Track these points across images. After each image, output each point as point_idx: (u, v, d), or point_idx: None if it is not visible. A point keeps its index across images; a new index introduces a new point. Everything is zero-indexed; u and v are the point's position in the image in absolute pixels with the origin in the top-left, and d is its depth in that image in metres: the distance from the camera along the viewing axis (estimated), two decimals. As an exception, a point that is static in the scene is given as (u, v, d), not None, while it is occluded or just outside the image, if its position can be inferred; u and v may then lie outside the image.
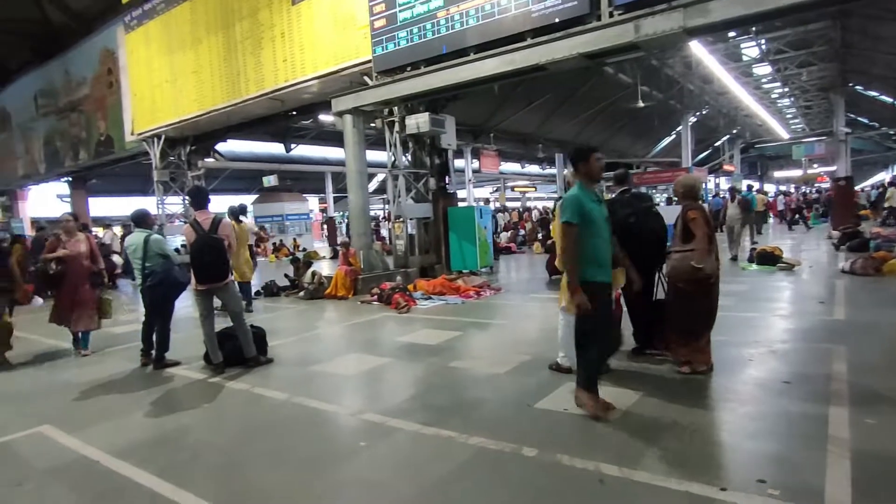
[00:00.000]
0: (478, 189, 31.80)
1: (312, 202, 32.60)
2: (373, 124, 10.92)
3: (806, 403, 3.48)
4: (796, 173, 39.59)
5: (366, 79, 9.68)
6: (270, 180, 23.12)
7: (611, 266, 3.52)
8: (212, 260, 4.90)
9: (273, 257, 20.79)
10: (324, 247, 23.59)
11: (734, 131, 31.38)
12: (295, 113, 13.14)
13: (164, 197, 15.88)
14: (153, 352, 5.40)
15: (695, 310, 4.07)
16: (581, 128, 26.23)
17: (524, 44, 7.65)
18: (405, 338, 6.13)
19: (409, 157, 10.82)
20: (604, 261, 3.44)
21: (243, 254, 8.40)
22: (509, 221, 22.63)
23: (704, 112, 27.14)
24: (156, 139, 14.83)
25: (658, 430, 3.17)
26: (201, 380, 4.90)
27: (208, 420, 3.94)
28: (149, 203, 17.99)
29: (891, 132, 30.25)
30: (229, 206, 8.77)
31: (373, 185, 26.87)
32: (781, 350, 4.74)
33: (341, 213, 31.88)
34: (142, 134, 14.74)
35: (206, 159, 16.32)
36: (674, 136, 30.98)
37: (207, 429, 3.76)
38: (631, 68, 18.51)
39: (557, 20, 7.28)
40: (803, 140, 30.30)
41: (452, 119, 10.65)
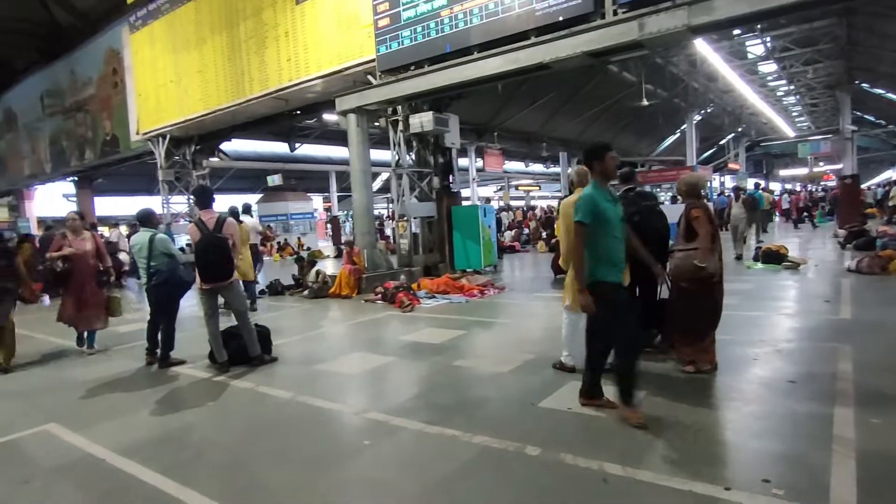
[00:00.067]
0: (482, 188, 31.78)
1: (317, 201, 32.72)
2: (377, 123, 10.92)
3: (811, 403, 3.47)
4: (802, 171, 39.48)
5: (369, 78, 9.70)
6: (275, 179, 23.21)
7: (624, 266, 3.43)
8: (216, 259, 4.92)
9: (277, 256, 20.85)
10: (328, 246, 23.65)
11: (739, 129, 31.22)
12: (299, 112, 13.16)
13: (169, 196, 15.95)
14: (158, 350, 5.43)
15: (698, 309, 4.06)
16: (585, 126, 26.17)
17: (528, 42, 7.65)
18: (409, 337, 6.13)
19: (413, 156, 10.82)
20: (617, 261, 3.36)
21: (244, 253, 8.41)
22: (513, 220, 22.59)
23: (709, 110, 27.03)
24: (161, 139, 14.89)
25: (662, 430, 3.16)
26: (206, 378, 4.92)
27: (213, 419, 3.96)
28: (154, 202, 18.13)
29: (897, 130, 30.06)
30: (230, 207, 8.79)
31: (377, 184, 26.86)
32: (787, 349, 4.72)
33: (345, 212, 31.93)
34: (147, 133, 14.80)
35: (211, 159, 16.38)
36: (678, 135, 30.89)
37: (212, 427, 3.78)
38: (635, 66, 18.46)
39: (561, 18, 7.28)
40: (809, 138, 30.13)
41: (456, 118, 10.63)
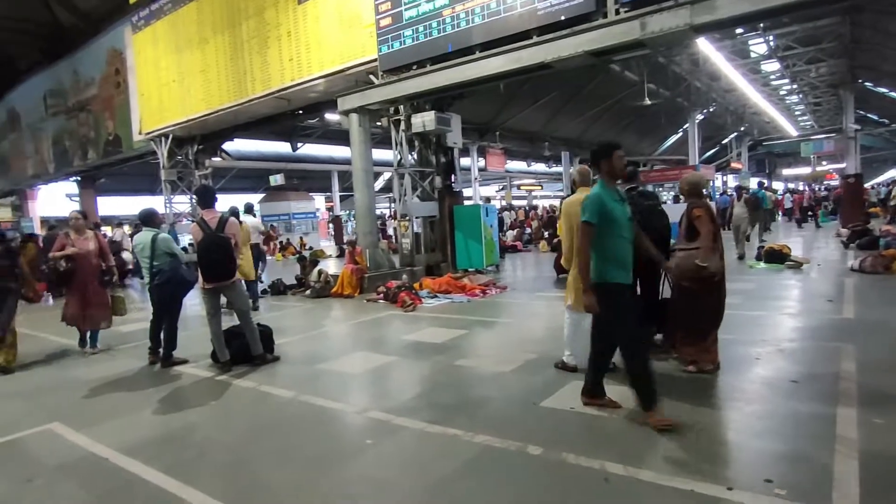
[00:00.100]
0: (484, 187, 31.76)
1: (319, 201, 32.75)
2: (379, 123, 10.91)
3: (814, 403, 3.46)
4: (805, 171, 39.37)
5: (371, 77, 9.70)
6: (277, 179, 23.24)
7: (632, 267, 3.36)
8: (219, 258, 4.93)
9: (280, 256, 20.88)
10: (330, 245, 23.66)
11: (742, 129, 31.09)
12: (301, 112, 13.15)
13: (172, 196, 15.97)
14: (161, 350, 5.45)
15: (700, 308, 4.05)
16: (587, 126, 26.12)
17: (530, 42, 7.64)
18: (411, 336, 6.14)
19: (415, 156, 10.82)
20: (625, 261, 3.30)
21: (245, 253, 8.43)
22: (515, 220, 22.58)
23: (712, 109, 26.91)
24: (163, 138, 14.91)
25: (664, 429, 3.15)
26: (208, 378, 4.93)
27: (215, 418, 3.97)
28: (157, 202, 18.16)
29: (901, 129, 29.95)
30: (230, 207, 8.79)
31: (379, 183, 26.85)
32: (789, 349, 4.71)
33: (347, 211, 31.95)
34: (149, 133, 14.82)
35: (214, 158, 16.40)
36: (681, 134, 30.78)
37: (215, 426, 3.79)
38: (637, 66, 18.40)
39: (563, 18, 7.26)
40: (812, 137, 30.00)
41: (458, 117, 10.62)
